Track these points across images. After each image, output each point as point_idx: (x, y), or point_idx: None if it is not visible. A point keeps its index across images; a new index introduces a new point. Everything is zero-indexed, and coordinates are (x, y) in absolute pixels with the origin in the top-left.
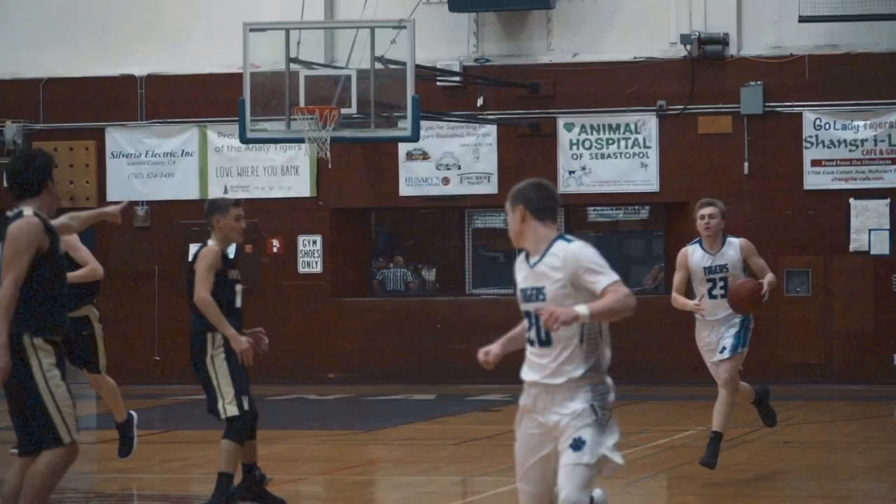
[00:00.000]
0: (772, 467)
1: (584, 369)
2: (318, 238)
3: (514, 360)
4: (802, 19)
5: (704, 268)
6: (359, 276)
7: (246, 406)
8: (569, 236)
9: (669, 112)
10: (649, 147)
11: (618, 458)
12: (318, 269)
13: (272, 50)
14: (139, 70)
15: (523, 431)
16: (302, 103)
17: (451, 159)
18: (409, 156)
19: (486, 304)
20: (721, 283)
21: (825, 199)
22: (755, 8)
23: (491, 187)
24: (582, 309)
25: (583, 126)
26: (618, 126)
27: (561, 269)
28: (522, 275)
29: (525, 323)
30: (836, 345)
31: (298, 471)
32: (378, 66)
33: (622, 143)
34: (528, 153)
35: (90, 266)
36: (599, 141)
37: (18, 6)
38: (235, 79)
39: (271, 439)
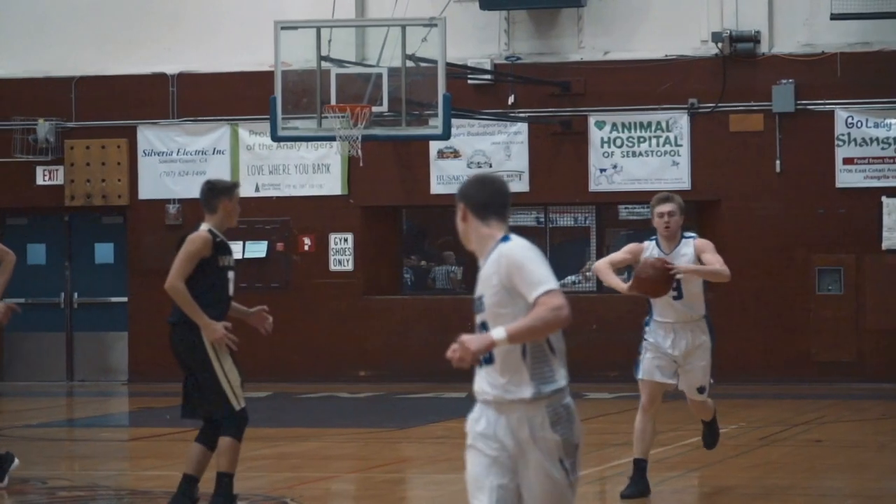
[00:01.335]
0: (803, 466)
1: (534, 390)
2: (350, 236)
3: None
4: (834, 17)
5: None
6: (390, 274)
7: (243, 402)
8: (511, 235)
9: (701, 110)
10: (680, 145)
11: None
12: (349, 266)
13: (303, 48)
14: (171, 68)
15: (479, 448)
16: (333, 101)
17: (483, 157)
18: (441, 154)
19: None
20: (676, 284)
21: (857, 198)
22: (787, 6)
23: (522, 185)
24: (497, 333)
25: (614, 124)
26: (649, 124)
27: (495, 273)
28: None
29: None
30: (868, 343)
31: (329, 469)
32: (409, 64)
33: (653, 141)
34: (559, 151)
35: None
36: (631, 139)
37: (51, 5)
38: (267, 77)
39: (302, 437)
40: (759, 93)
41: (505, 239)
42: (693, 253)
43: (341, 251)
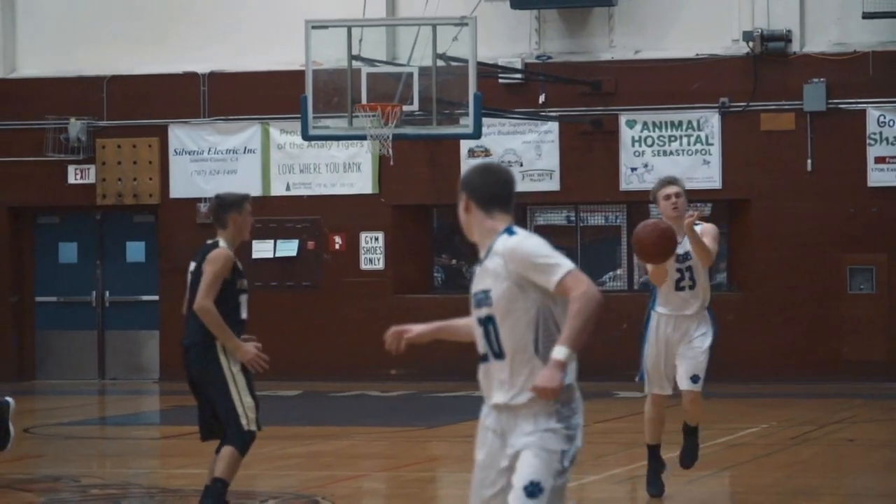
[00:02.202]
0: (834, 466)
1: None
2: (380, 235)
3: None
4: (866, 15)
5: (675, 254)
6: (420, 273)
7: (258, 424)
8: (514, 228)
9: (732, 109)
10: (712, 144)
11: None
12: (380, 265)
13: (334, 47)
14: (202, 67)
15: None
16: (364, 100)
17: (513, 156)
18: (471, 153)
19: None
20: (689, 274)
21: (889, 196)
22: (818, 4)
23: (553, 184)
24: (560, 354)
25: (645, 123)
26: (680, 123)
27: (503, 267)
28: (475, 275)
29: (474, 326)
30: None
31: (360, 467)
32: (440, 63)
33: (684, 140)
34: (589, 150)
35: None
36: (662, 138)
37: (83, 5)
38: (298, 76)
39: (333, 436)
40: (790, 92)
41: (509, 231)
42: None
43: (372, 250)
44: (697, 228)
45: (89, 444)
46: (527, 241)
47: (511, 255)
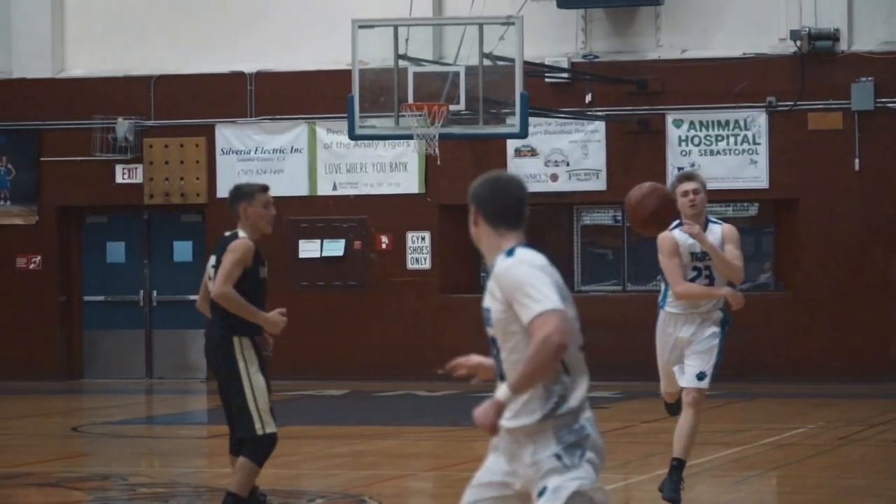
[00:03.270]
0: (882, 466)
1: (542, 412)
2: (427, 234)
3: (622, 356)
4: None
5: (692, 253)
6: (467, 272)
7: (274, 427)
8: (517, 249)
9: (779, 108)
10: (759, 143)
11: (599, 495)
12: (426, 265)
13: (381, 46)
14: (249, 67)
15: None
16: (410, 100)
17: (560, 156)
18: (518, 152)
19: (594, 301)
20: (706, 272)
21: None
22: (866, 3)
23: (599, 184)
24: (501, 394)
25: (691, 122)
26: (727, 122)
27: (499, 290)
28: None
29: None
30: None
31: (407, 466)
32: (486, 62)
33: (731, 139)
34: (636, 150)
35: None
36: (708, 137)
37: (130, 4)
38: (344, 75)
39: (379, 435)
40: (837, 91)
41: (509, 252)
42: (720, 239)
43: (418, 249)
44: (716, 229)
45: (137, 443)
46: (515, 269)
47: (498, 279)
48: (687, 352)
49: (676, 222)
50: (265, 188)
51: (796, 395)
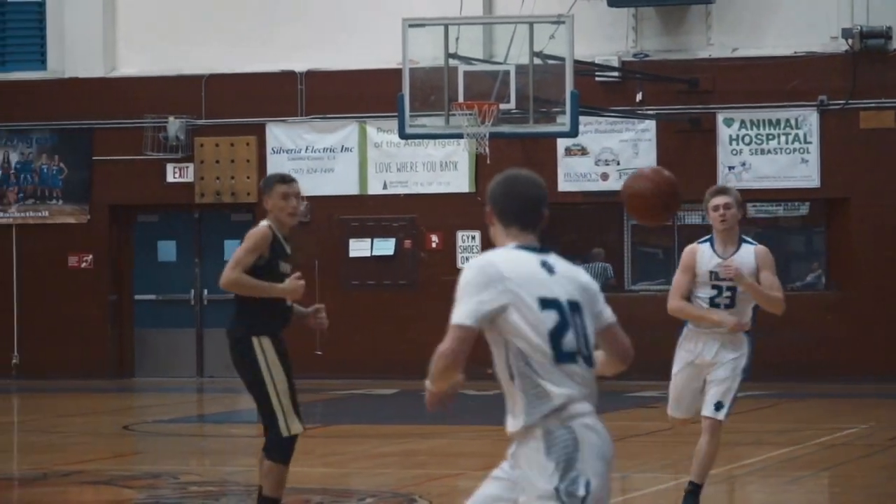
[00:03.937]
0: None
1: (523, 420)
2: (477, 234)
3: (671, 355)
4: None
5: (711, 271)
6: None
7: (300, 426)
8: (497, 251)
9: (830, 107)
10: (810, 142)
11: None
12: None
13: (431, 45)
14: (299, 66)
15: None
16: (461, 99)
17: (610, 155)
18: (568, 151)
19: (644, 300)
20: (728, 293)
21: None
22: None
23: None
24: (428, 382)
25: (742, 121)
26: (778, 121)
27: None
28: None
29: None
30: None
31: (457, 466)
32: (536, 61)
33: (782, 138)
34: (687, 148)
35: None
36: (759, 136)
37: (182, 4)
38: (394, 74)
39: (429, 434)
40: (890, 89)
41: (491, 252)
42: (754, 262)
43: (469, 248)
44: (749, 250)
45: (188, 442)
46: (465, 272)
47: None
48: (709, 378)
49: (707, 237)
50: (285, 178)
51: (846, 395)
